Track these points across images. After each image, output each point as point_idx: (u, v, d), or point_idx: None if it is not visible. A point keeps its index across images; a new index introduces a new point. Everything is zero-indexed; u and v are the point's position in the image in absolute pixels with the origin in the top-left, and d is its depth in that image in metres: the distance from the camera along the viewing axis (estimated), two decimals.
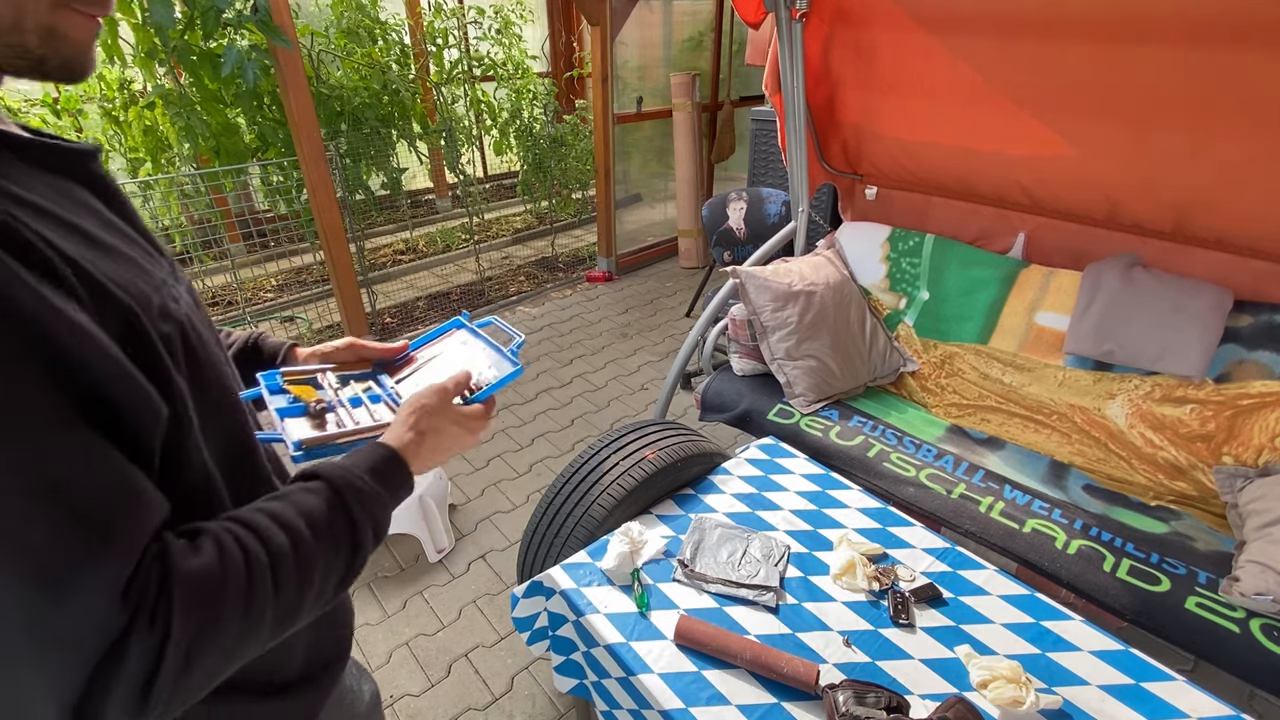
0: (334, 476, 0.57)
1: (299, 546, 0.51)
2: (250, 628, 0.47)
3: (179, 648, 0.42)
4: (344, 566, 0.55)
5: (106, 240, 0.49)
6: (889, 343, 2.27)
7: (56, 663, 0.39)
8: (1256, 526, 1.46)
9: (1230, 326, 1.82)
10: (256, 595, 0.47)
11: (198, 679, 0.44)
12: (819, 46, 2.31)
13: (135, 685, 0.41)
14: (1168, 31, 1.63)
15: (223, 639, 0.45)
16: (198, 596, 0.44)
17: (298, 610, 0.51)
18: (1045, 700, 1.02)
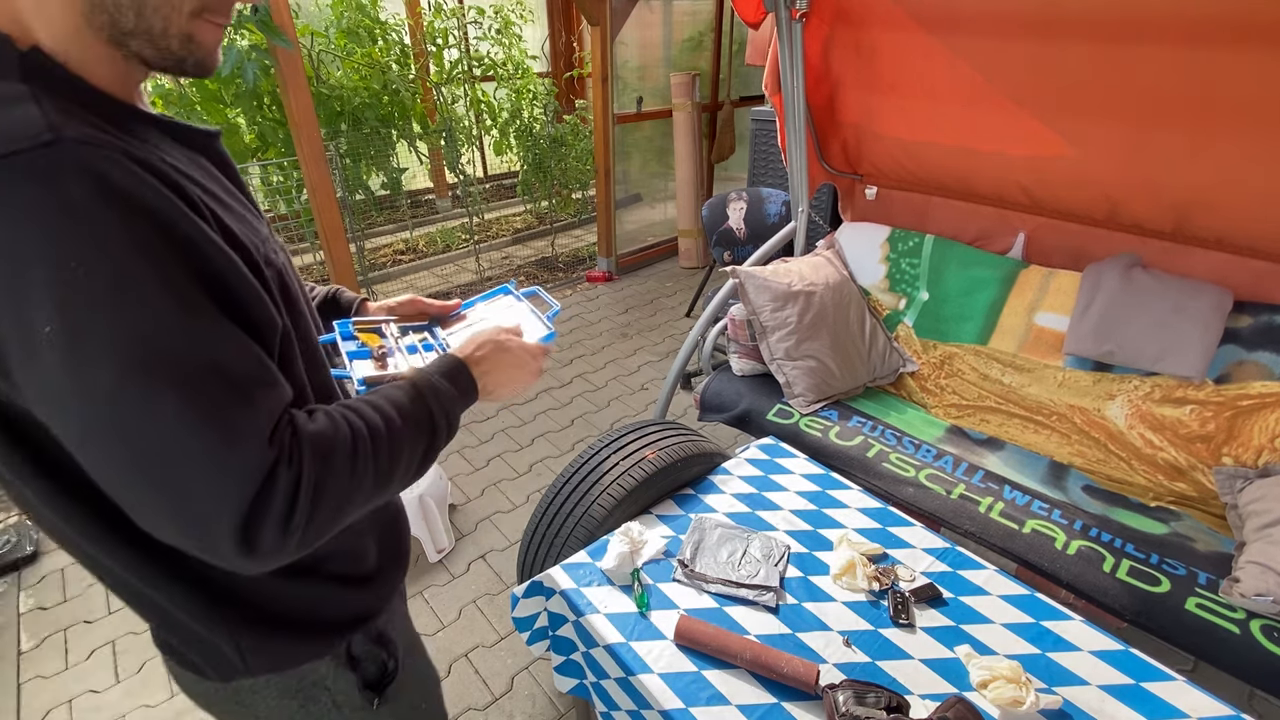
0: (415, 377, 0.71)
1: (390, 426, 0.63)
2: (355, 482, 0.59)
3: (309, 483, 0.55)
4: (424, 447, 0.67)
5: (227, 200, 0.62)
6: (888, 343, 2.27)
7: (231, 487, 0.51)
8: (1256, 527, 1.46)
9: (1230, 327, 1.82)
10: (359, 457, 0.60)
11: (322, 516, 0.56)
12: (819, 46, 2.31)
13: (281, 509, 0.53)
14: (1168, 31, 1.63)
15: (338, 485, 0.58)
16: (318, 449, 0.57)
17: (390, 477, 0.63)
18: (1045, 700, 1.02)
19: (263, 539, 0.53)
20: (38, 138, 0.47)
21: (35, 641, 1.96)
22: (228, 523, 0.51)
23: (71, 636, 1.97)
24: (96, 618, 2.03)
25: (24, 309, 0.47)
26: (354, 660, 0.78)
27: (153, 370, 0.49)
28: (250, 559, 0.53)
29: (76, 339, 0.47)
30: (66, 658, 1.91)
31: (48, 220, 0.46)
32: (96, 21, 0.54)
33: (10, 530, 2.30)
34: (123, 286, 0.48)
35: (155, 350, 0.49)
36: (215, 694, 0.75)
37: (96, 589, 2.14)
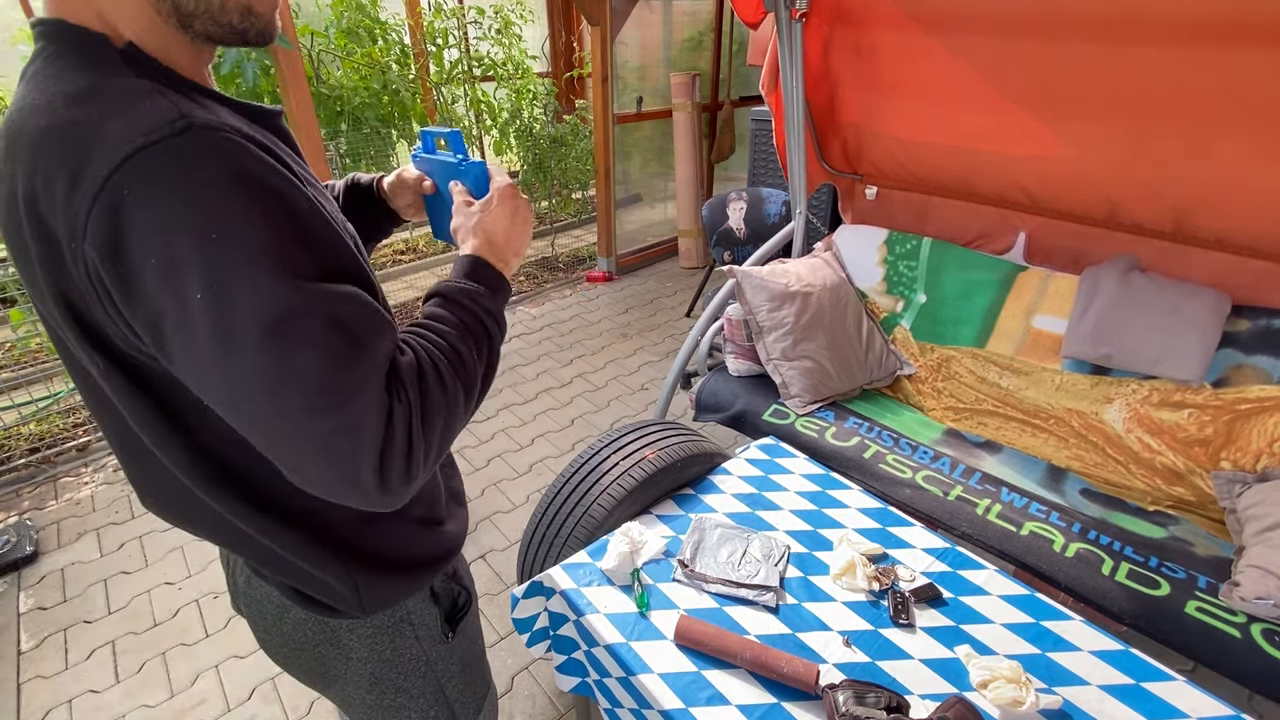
0: (444, 290, 0.73)
1: (450, 341, 0.68)
2: (451, 400, 0.64)
3: (418, 413, 0.60)
4: (486, 350, 0.72)
5: (304, 172, 0.67)
6: (885, 345, 2.27)
7: (365, 431, 0.56)
8: (1256, 531, 1.46)
9: (1228, 331, 1.82)
10: (444, 377, 0.64)
11: (435, 438, 0.62)
12: (819, 46, 2.32)
13: (403, 442, 0.58)
14: (1168, 31, 1.64)
15: (440, 407, 0.63)
16: (414, 380, 0.61)
17: (473, 387, 0.69)
18: (1045, 700, 1.02)
19: (394, 473, 0.58)
20: (173, 125, 0.52)
21: (35, 641, 1.96)
22: (369, 465, 0.56)
23: (71, 636, 1.97)
24: (96, 618, 2.03)
25: (177, 279, 0.51)
26: (435, 596, 0.87)
27: (288, 331, 0.54)
28: (389, 494, 0.59)
29: (222, 305, 0.52)
30: (66, 658, 1.91)
31: (191, 198, 0.51)
32: (163, 9, 0.59)
33: (10, 530, 2.30)
34: (254, 255, 0.53)
35: (287, 312, 0.54)
36: (315, 636, 0.82)
37: (97, 589, 2.14)
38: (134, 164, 0.50)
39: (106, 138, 0.51)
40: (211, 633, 1.98)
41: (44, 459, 2.71)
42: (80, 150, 0.51)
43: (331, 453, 0.56)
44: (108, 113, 0.53)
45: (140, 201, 0.50)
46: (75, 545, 2.32)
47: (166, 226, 0.51)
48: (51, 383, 3.14)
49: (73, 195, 0.51)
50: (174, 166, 0.51)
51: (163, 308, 0.52)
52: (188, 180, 0.51)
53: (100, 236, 0.51)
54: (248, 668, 1.87)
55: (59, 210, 0.52)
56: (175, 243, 0.51)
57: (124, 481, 2.64)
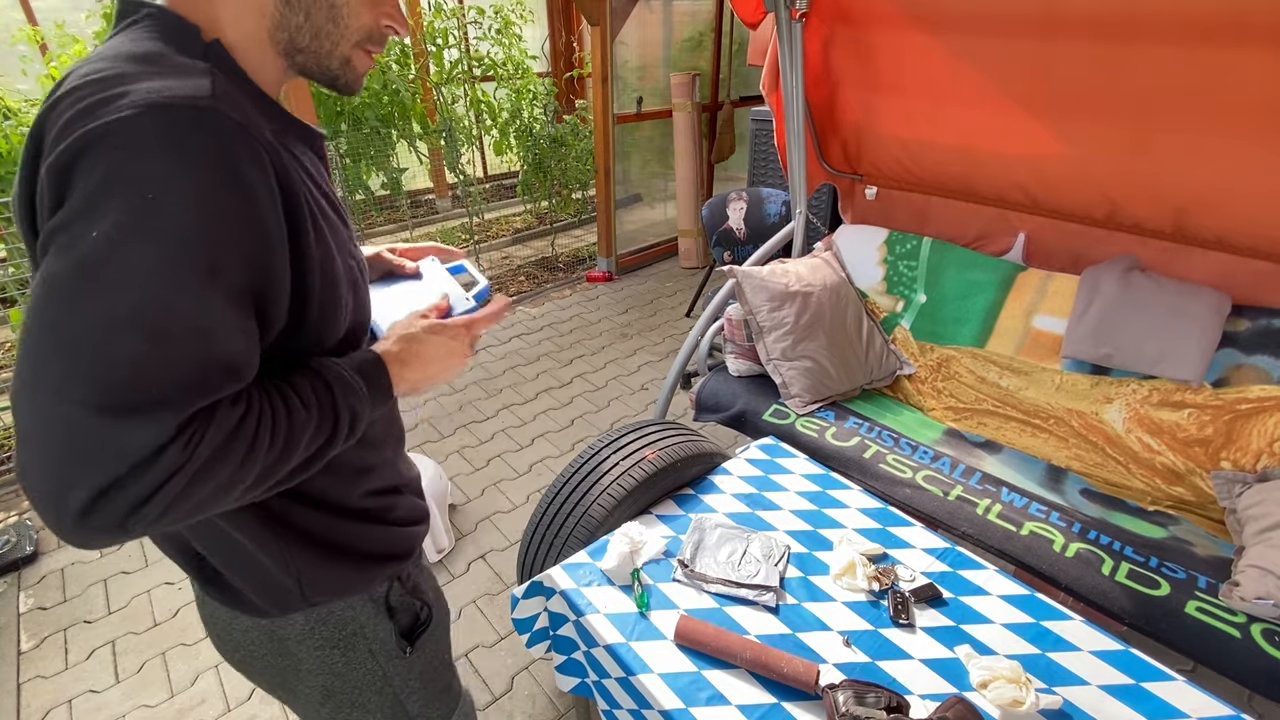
0: (329, 370, 0.68)
1: (293, 421, 0.62)
2: (242, 476, 0.58)
3: (188, 472, 0.53)
4: (319, 445, 0.65)
5: (324, 202, 0.69)
6: (886, 345, 2.27)
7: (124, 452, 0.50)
8: (1256, 531, 1.46)
9: (1228, 331, 1.82)
10: (253, 453, 0.58)
11: (185, 505, 0.54)
12: (819, 46, 2.32)
13: (149, 486, 0.51)
14: (1168, 31, 1.63)
15: (220, 471, 0.55)
16: (220, 435, 0.55)
17: (270, 475, 0.61)
18: (1045, 700, 1.02)
19: (110, 512, 0.51)
20: (197, 99, 0.54)
21: (35, 641, 1.96)
22: (89, 485, 0.49)
23: (71, 636, 1.97)
24: (96, 618, 2.03)
25: (96, 205, 0.50)
26: (391, 610, 0.85)
27: (139, 317, 0.51)
28: (86, 528, 0.51)
29: (108, 252, 0.50)
30: (66, 658, 1.91)
31: (166, 157, 0.51)
32: (277, 36, 0.65)
33: (10, 530, 2.30)
34: (178, 238, 0.52)
35: (155, 301, 0.51)
36: (263, 645, 0.80)
37: (97, 589, 2.14)
38: (132, 117, 0.51)
39: (137, 90, 0.52)
40: None
41: None
42: (107, 100, 0.52)
43: (66, 448, 0.50)
44: (154, 74, 0.55)
45: (113, 145, 0.50)
46: None
47: (124, 169, 0.50)
48: None
49: (76, 120, 0.52)
50: (172, 127, 0.52)
51: (68, 218, 0.51)
52: (174, 143, 0.52)
53: (69, 152, 0.51)
54: None
55: (55, 126, 0.53)
56: (116, 182, 0.50)
57: None
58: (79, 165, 0.51)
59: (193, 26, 0.61)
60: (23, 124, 2.82)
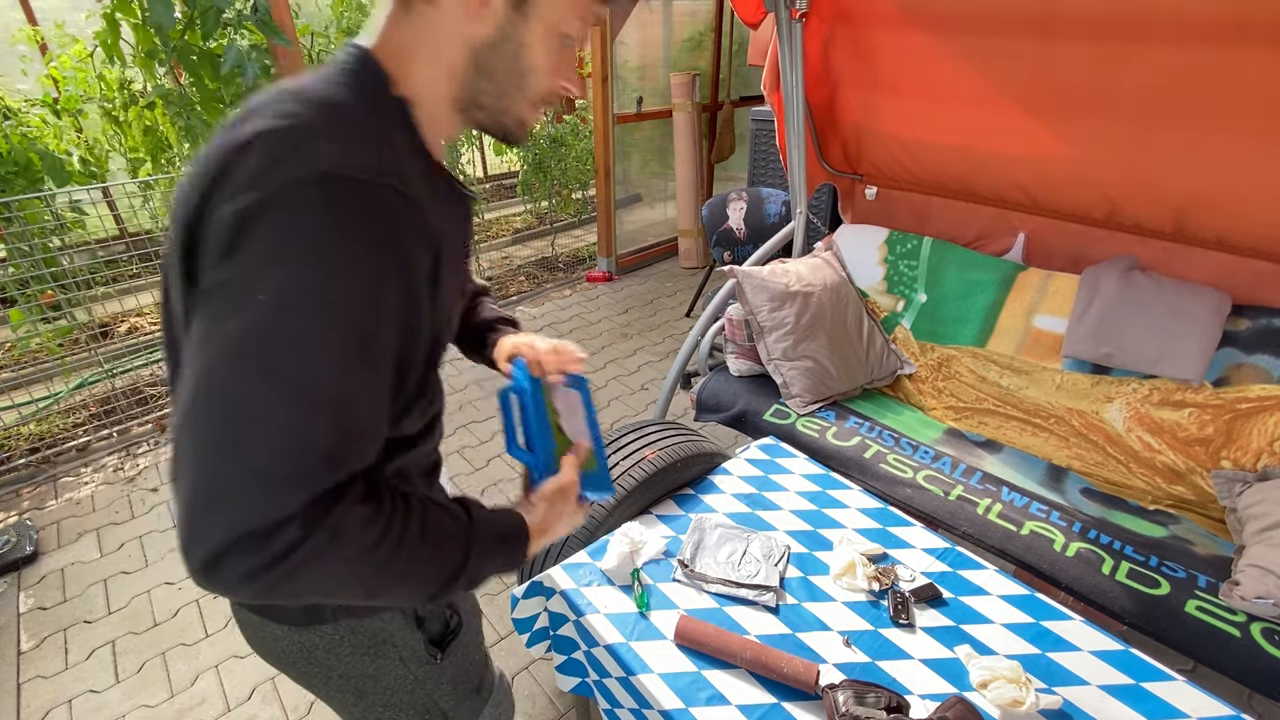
0: (475, 528, 0.69)
1: (417, 554, 0.62)
2: (349, 580, 0.58)
3: (301, 559, 0.53)
4: (432, 587, 0.66)
5: (458, 260, 0.73)
6: (886, 345, 2.27)
7: (240, 511, 0.51)
8: (1256, 531, 1.46)
9: (1228, 330, 1.82)
10: (367, 563, 0.58)
11: (293, 587, 0.54)
12: (819, 46, 2.32)
13: (263, 559, 0.51)
14: (1168, 31, 1.63)
15: (328, 573, 0.56)
16: (340, 535, 0.55)
17: (377, 595, 0.61)
18: (1045, 700, 1.02)
19: (224, 573, 0.52)
20: (375, 176, 0.56)
21: (35, 641, 1.96)
22: (213, 539, 0.51)
23: (71, 636, 1.97)
24: (96, 618, 2.03)
25: (266, 270, 0.53)
26: (420, 620, 0.86)
27: (298, 381, 0.53)
28: (203, 579, 0.53)
29: (273, 320, 0.52)
30: (66, 658, 1.91)
31: (337, 232, 0.54)
32: (461, 97, 0.68)
33: (10, 530, 2.30)
34: (339, 313, 0.54)
35: (308, 372, 0.53)
36: (289, 650, 0.81)
37: (96, 589, 2.14)
38: (310, 185, 0.54)
39: (312, 155, 0.55)
40: (211, 633, 1.98)
41: (44, 459, 2.71)
42: (292, 154, 0.55)
43: (206, 499, 0.52)
44: (339, 135, 0.57)
45: (291, 210, 0.53)
46: (75, 545, 2.32)
47: (295, 245, 0.53)
48: (51, 383, 3.14)
49: (256, 180, 0.54)
50: (342, 204, 0.54)
51: (231, 278, 0.53)
52: (343, 219, 0.54)
53: (241, 213, 0.53)
54: (248, 668, 1.86)
55: (241, 172, 0.55)
56: (287, 250, 0.53)
57: (124, 481, 2.64)
58: (256, 224, 0.53)
59: (386, 76, 0.64)
60: (23, 124, 2.82)
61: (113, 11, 2.59)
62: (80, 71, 3.01)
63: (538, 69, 0.68)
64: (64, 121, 3.10)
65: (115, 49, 2.72)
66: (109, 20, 2.64)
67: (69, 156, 2.95)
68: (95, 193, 2.99)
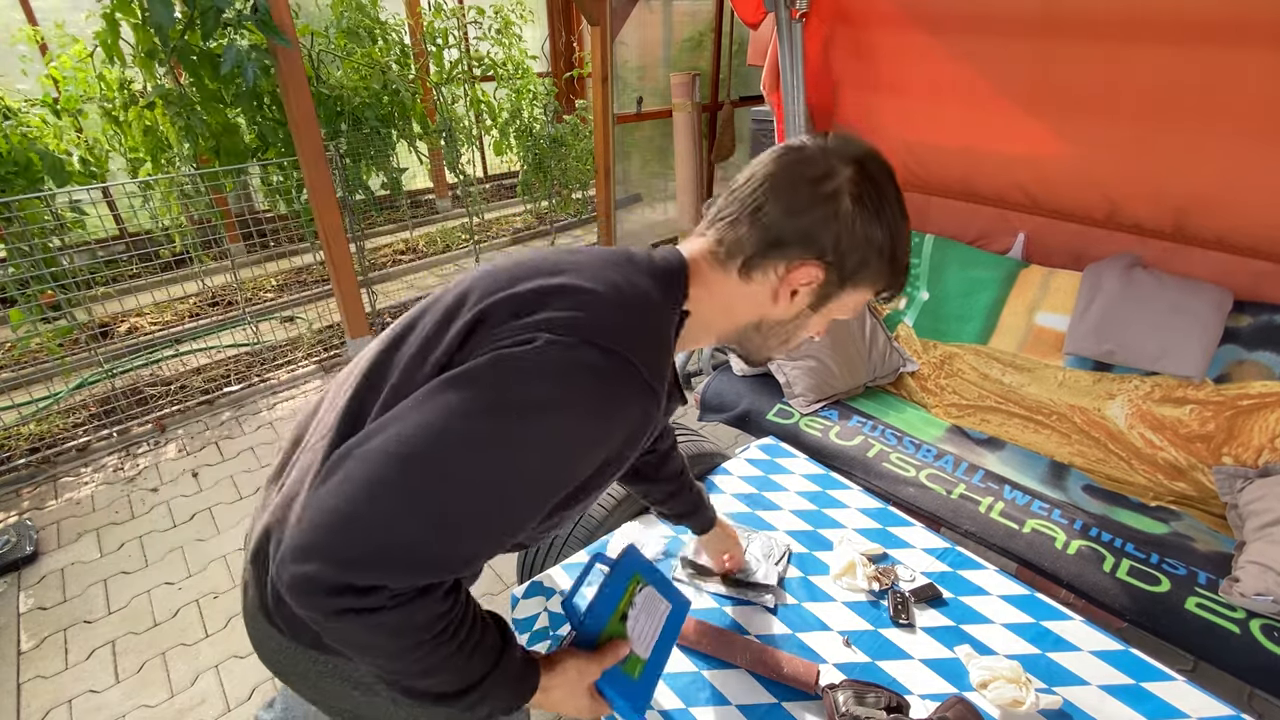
0: (503, 659, 0.71)
1: (451, 661, 0.65)
2: (388, 652, 0.62)
3: (373, 621, 0.58)
4: (444, 689, 0.68)
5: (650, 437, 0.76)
6: (888, 343, 2.27)
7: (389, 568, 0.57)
8: (1256, 527, 1.46)
9: (1230, 327, 1.82)
10: (416, 650, 0.63)
11: (343, 634, 0.60)
12: (819, 46, 2.32)
13: (345, 604, 0.57)
14: (1168, 31, 1.63)
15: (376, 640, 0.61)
16: (411, 620, 0.60)
17: (402, 672, 0.66)
18: (1045, 700, 1.02)
19: (307, 594, 0.57)
20: (645, 370, 0.64)
21: (35, 641, 1.96)
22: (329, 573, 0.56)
23: (71, 636, 1.97)
24: (96, 618, 2.03)
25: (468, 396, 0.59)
26: None
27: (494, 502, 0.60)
28: (287, 587, 0.58)
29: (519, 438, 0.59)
30: (66, 658, 1.91)
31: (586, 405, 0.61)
32: (729, 338, 0.77)
33: (10, 530, 2.30)
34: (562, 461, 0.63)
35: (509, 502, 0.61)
36: (288, 664, 0.81)
37: (96, 589, 2.14)
38: (583, 339, 0.61)
39: (604, 325, 0.63)
40: (211, 633, 1.98)
41: (44, 459, 2.71)
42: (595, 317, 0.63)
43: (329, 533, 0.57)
44: (610, 313, 0.65)
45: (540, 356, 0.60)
46: (75, 545, 2.32)
47: (526, 390, 0.59)
48: (51, 383, 3.14)
49: (525, 329, 0.62)
50: (591, 367, 0.61)
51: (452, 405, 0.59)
52: (590, 385, 0.61)
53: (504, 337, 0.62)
54: (248, 668, 1.86)
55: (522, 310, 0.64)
56: (504, 386, 0.59)
57: (124, 481, 2.64)
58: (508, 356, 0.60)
59: (686, 289, 0.73)
60: (23, 124, 2.82)
61: (113, 11, 2.60)
62: (80, 71, 3.01)
63: (804, 338, 0.80)
64: (64, 121, 3.10)
65: (115, 49, 2.72)
66: (109, 20, 2.65)
67: (69, 156, 2.95)
68: (95, 193, 2.99)
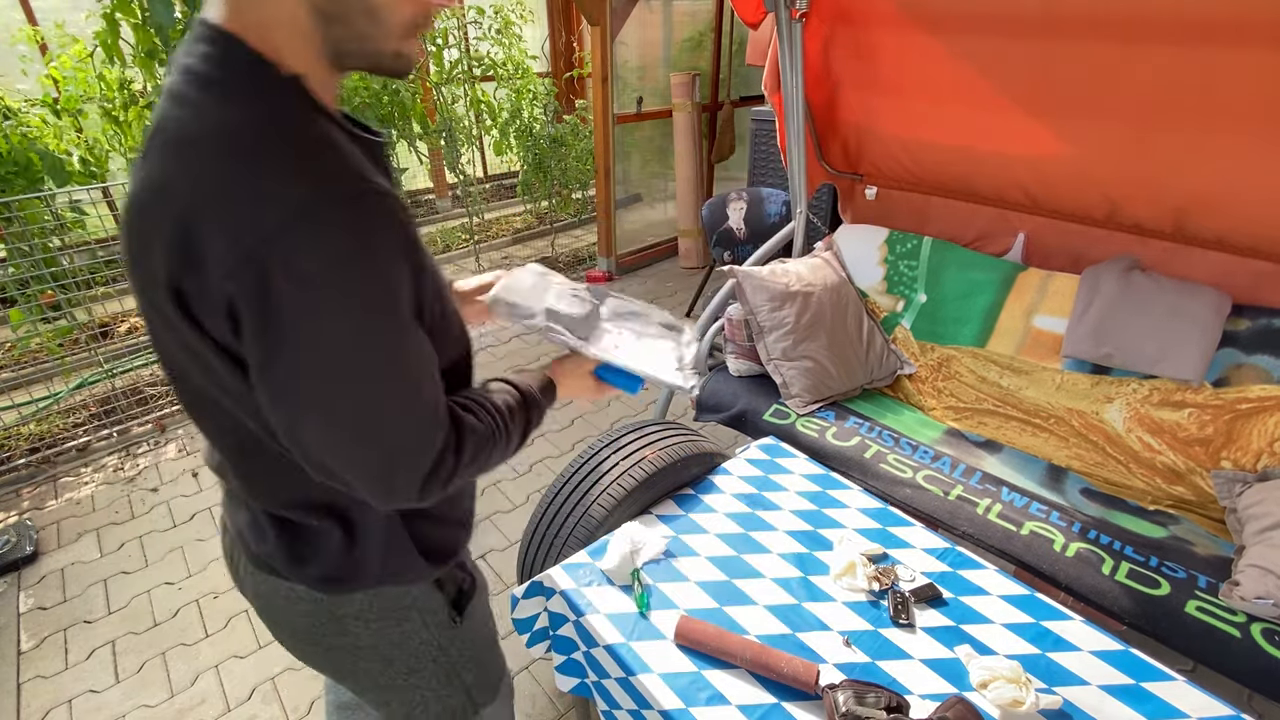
0: (524, 389, 0.90)
1: (507, 425, 0.83)
2: (485, 462, 0.80)
3: (462, 466, 0.75)
4: (520, 436, 0.88)
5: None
6: (886, 345, 2.27)
7: (416, 459, 0.70)
8: (1256, 531, 1.46)
9: (1228, 330, 1.82)
10: (495, 447, 0.81)
11: (462, 478, 0.76)
12: (819, 46, 2.32)
13: (445, 477, 0.73)
14: (1168, 31, 1.63)
15: (478, 464, 0.78)
16: (475, 443, 0.77)
17: (506, 455, 0.85)
18: (1045, 700, 1.02)
19: (431, 492, 0.72)
20: (353, 185, 0.61)
21: (35, 641, 1.96)
22: (413, 483, 0.70)
23: (71, 636, 1.97)
24: (96, 618, 2.04)
25: (320, 319, 0.60)
26: (440, 583, 0.93)
27: (394, 369, 0.66)
28: (411, 503, 0.72)
29: (356, 342, 0.63)
30: (66, 658, 1.91)
31: (358, 256, 0.60)
32: (325, 51, 0.66)
33: (10, 530, 2.30)
34: (387, 310, 0.64)
35: (396, 357, 0.67)
36: (323, 627, 0.86)
37: (96, 589, 2.14)
38: (305, 220, 0.57)
39: (279, 188, 0.58)
40: (211, 633, 1.98)
41: (44, 459, 2.71)
42: (252, 193, 0.57)
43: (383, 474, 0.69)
44: (281, 161, 0.59)
45: (301, 252, 0.57)
46: (75, 545, 2.32)
47: (324, 278, 0.59)
48: (51, 383, 3.14)
49: (239, 234, 0.57)
50: (345, 225, 0.59)
51: (289, 339, 0.60)
52: (355, 239, 0.60)
53: (252, 274, 0.57)
54: (248, 668, 1.87)
55: (219, 240, 0.57)
56: (329, 292, 0.59)
57: (124, 481, 2.64)
58: (272, 279, 0.57)
59: (269, 65, 0.62)
60: (23, 124, 2.82)
61: (113, 11, 2.59)
62: (80, 71, 3.01)
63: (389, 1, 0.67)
64: (64, 121, 3.10)
65: (115, 49, 2.72)
66: (109, 20, 2.64)
67: (69, 156, 2.95)
68: (95, 193, 2.98)
